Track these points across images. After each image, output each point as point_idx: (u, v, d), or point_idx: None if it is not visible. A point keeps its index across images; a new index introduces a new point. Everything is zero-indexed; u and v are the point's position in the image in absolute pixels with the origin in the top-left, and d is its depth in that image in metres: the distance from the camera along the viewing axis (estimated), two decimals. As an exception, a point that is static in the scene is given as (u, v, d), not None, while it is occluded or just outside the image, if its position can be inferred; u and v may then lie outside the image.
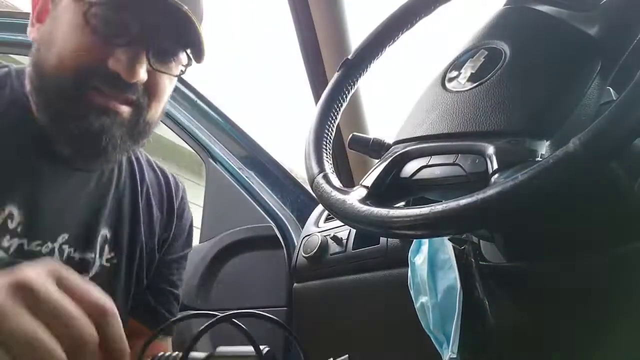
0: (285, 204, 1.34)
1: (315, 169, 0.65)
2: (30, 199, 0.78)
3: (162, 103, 0.83)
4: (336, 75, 0.75)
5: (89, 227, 0.85)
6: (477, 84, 0.58)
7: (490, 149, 0.51)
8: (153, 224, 0.96)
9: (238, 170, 1.40)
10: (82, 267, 0.84)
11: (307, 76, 1.26)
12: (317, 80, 1.23)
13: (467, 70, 0.60)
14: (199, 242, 1.47)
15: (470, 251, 0.67)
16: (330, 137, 0.70)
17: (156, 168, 1.02)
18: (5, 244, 0.75)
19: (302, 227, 1.23)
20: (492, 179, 0.49)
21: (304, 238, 1.14)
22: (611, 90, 0.57)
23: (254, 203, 1.35)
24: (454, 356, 0.64)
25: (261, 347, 0.58)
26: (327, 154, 0.68)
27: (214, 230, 1.43)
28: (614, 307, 0.61)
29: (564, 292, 0.64)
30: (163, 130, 1.42)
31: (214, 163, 1.42)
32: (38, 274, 0.50)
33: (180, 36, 0.77)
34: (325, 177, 0.63)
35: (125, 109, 0.77)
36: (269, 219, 1.30)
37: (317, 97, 1.24)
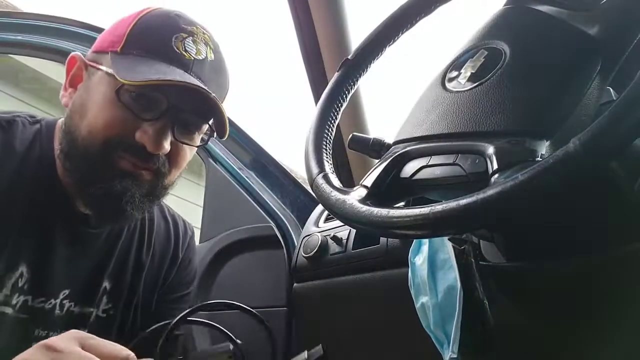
0: (285, 204, 1.33)
1: (315, 169, 0.65)
2: (40, 258, 0.82)
3: (181, 169, 0.88)
4: (336, 75, 0.75)
5: (91, 282, 0.89)
6: (477, 84, 0.58)
7: (490, 149, 0.51)
8: (154, 275, 0.99)
9: (238, 170, 1.40)
10: (80, 320, 0.87)
11: (307, 76, 1.26)
12: (317, 80, 1.23)
13: (467, 70, 0.60)
14: (199, 242, 1.47)
15: (470, 251, 0.67)
16: (330, 137, 0.70)
17: (167, 215, 1.05)
18: (14, 301, 0.80)
19: (302, 227, 1.23)
20: (492, 179, 0.49)
21: (304, 238, 1.14)
22: (611, 90, 0.57)
23: (254, 203, 1.35)
24: (455, 356, 0.64)
25: (236, 342, 0.61)
26: (327, 154, 0.68)
27: (214, 231, 1.43)
28: (614, 307, 0.61)
29: (563, 292, 0.63)
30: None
31: (214, 163, 1.42)
32: (62, 338, 0.60)
33: (203, 113, 0.84)
34: (325, 177, 0.63)
35: (146, 174, 0.83)
36: (269, 219, 1.29)
37: (317, 97, 1.23)
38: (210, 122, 0.86)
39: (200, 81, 0.80)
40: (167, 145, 0.80)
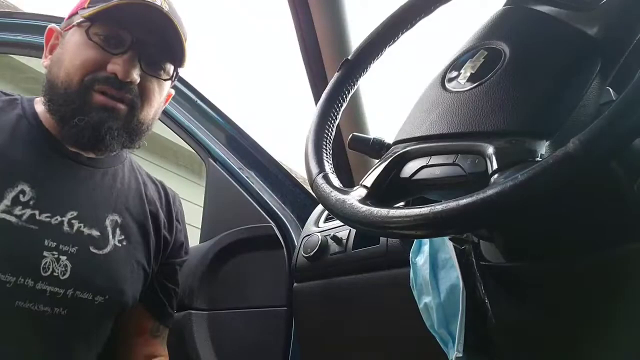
0: (285, 204, 1.33)
1: (315, 169, 0.65)
2: (41, 180, 0.92)
3: (152, 107, 0.99)
4: (336, 75, 0.75)
5: (96, 209, 0.98)
6: (476, 84, 0.58)
7: (490, 149, 0.51)
8: (159, 222, 1.08)
9: (238, 170, 1.40)
10: (92, 242, 0.95)
11: (307, 76, 1.26)
12: (317, 80, 1.23)
13: (466, 71, 0.60)
14: (199, 242, 1.47)
15: (470, 251, 0.67)
16: (330, 137, 0.70)
17: (154, 180, 1.16)
18: (18, 212, 0.88)
19: (302, 227, 1.23)
20: (492, 179, 0.49)
21: (304, 238, 1.14)
22: (611, 90, 0.57)
23: (254, 203, 1.35)
24: (460, 355, 0.64)
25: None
26: (327, 154, 0.68)
27: (214, 230, 1.43)
28: (614, 307, 0.61)
29: (563, 292, 0.63)
30: (163, 130, 1.42)
31: (214, 163, 1.42)
32: None
33: (166, 48, 0.97)
34: (325, 177, 0.63)
35: (122, 107, 0.94)
36: (269, 219, 1.30)
37: (317, 97, 1.24)
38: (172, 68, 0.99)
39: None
40: (136, 75, 0.93)
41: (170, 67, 1.00)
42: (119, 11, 0.92)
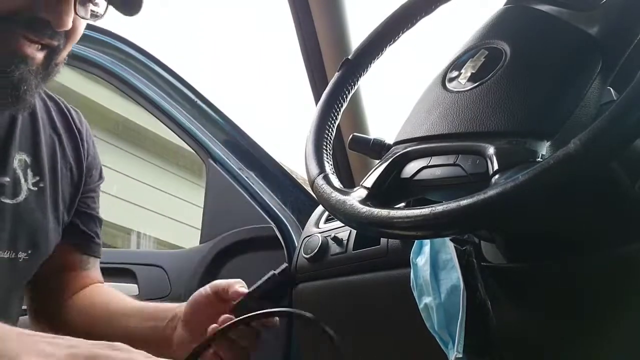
0: (286, 205, 1.33)
1: (315, 170, 0.65)
2: None
3: (71, 46, 0.83)
4: (336, 75, 0.74)
5: (1, 154, 0.85)
6: (477, 84, 0.58)
7: (491, 150, 0.51)
8: (71, 148, 0.97)
9: (238, 170, 1.40)
10: (1, 190, 0.83)
11: (308, 76, 1.26)
12: (318, 80, 1.23)
13: (467, 70, 0.60)
14: (199, 243, 1.48)
15: (471, 252, 0.67)
16: (330, 138, 0.70)
17: (55, 98, 1.00)
18: None
19: (303, 228, 1.23)
20: (493, 180, 0.49)
21: (304, 239, 1.14)
22: (612, 90, 0.57)
23: (254, 204, 1.35)
24: (460, 356, 0.64)
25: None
26: (327, 154, 0.68)
27: (215, 231, 1.43)
28: (615, 308, 0.61)
29: (564, 293, 0.63)
30: (163, 130, 1.42)
31: (214, 163, 1.42)
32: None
33: None
34: (326, 178, 0.63)
35: (40, 55, 0.77)
36: (269, 220, 1.29)
37: (317, 97, 1.23)
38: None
39: None
40: (71, 22, 0.75)
41: (103, 3, 0.81)
42: None
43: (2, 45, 0.74)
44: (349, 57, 0.74)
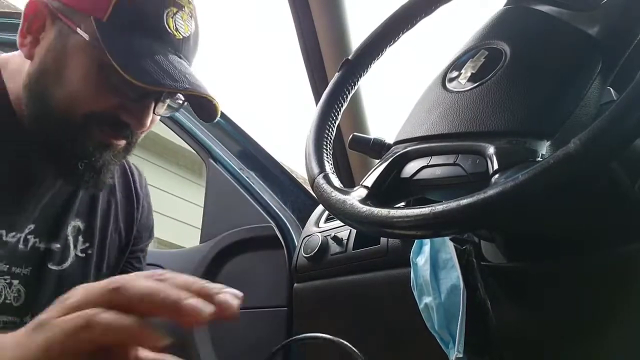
0: (286, 204, 1.33)
1: (316, 169, 0.65)
2: (4, 194, 0.79)
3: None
4: (336, 75, 0.74)
5: (56, 219, 0.87)
6: (477, 84, 0.58)
7: (491, 149, 0.51)
8: (119, 216, 0.98)
9: (238, 170, 1.40)
10: (49, 257, 0.85)
11: (308, 76, 1.26)
12: (318, 80, 1.23)
13: (467, 71, 0.60)
14: (200, 242, 1.48)
15: (471, 251, 0.67)
16: (330, 138, 0.70)
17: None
18: None
19: (303, 228, 1.23)
20: (493, 179, 0.49)
21: (304, 238, 1.14)
22: (612, 90, 0.57)
23: (255, 203, 1.35)
24: (460, 355, 0.64)
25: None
26: (327, 154, 0.68)
27: (215, 231, 1.43)
28: (614, 307, 0.61)
29: (564, 292, 0.63)
30: (163, 130, 1.42)
31: (214, 163, 1.42)
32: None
33: (192, 96, 0.80)
34: (326, 178, 0.63)
35: (122, 142, 0.81)
36: (269, 219, 1.30)
37: (317, 98, 1.23)
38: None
39: (186, 60, 0.79)
40: (149, 121, 0.80)
41: (180, 100, 0.83)
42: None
43: (89, 138, 0.78)
44: (349, 57, 0.74)
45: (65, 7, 0.77)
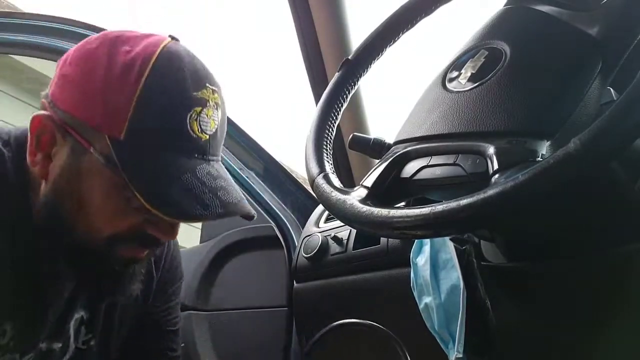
0: (286, 204, 1.33)
1: (316, 170, 0.65)
2: (25, 312, 0.74)
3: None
4: (336, 75, 0.75)
5: (61, 318, 0.81)
6: (477, 84, 0.58)
7: (491, 149, 0.51)
8: (145, 296, 0.90)
9: (238, 170, 1.40)
10: (49, 356, 0.80)
11: (308, 76, 1.26)
12: (318, 80, 1.23)
13: (467, 71, 0.60)
14: (200, 242, 1.48)
15: (471, 251, 0.67)
16: (330, 138, 0.70)
17: None
18: None
19: (303, 228, 1.23)
20: (493, 179, 0.49)
21: (304, 238, 1.14)
22: (612, 90, 0.57)
23: (254, 203, 1.35)
24: (460, 355, 0.64)
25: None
26: (327, 154, 0.68)
27: (215, 231, 1.43)
28: (614, 307, 0.61)
29: (564, 292, 0.63)
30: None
31: (214, 163, 1.42)
32: None
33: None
34: (326, 178, 0.63)
35: (149, 253, 0.76)
36: (269, 219, 1.30)
37: (317, 97, 1.23)
38: None
39: (214, 157, 0.72)
40: (177, 232, 0.73)
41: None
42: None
43: (114, 257, 0.71)
44: (349, 57, 0.75)
45: (74, 120, 0.68)
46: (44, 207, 0.72)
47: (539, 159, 0.49)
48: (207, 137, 0.70)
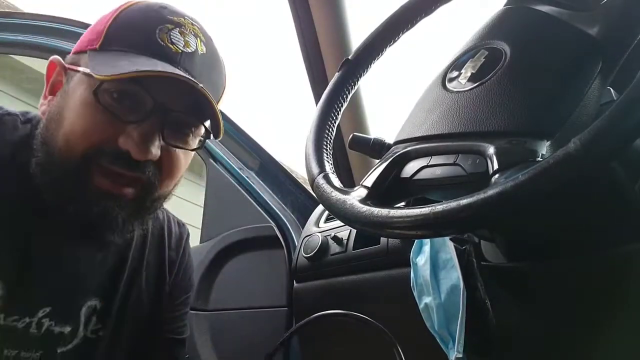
0: (286, 204, 1.33)
1: (316, 170, 0.65)
2: (15, 273, 0.74)
3: (175, 179, 0.78)
4: (336, 75, 0.74)
5: (75, 297, 0.81)
6: (477, 84, 0.58)
7: (491, 149, 0.51)
8: (151, 289, 0.90)
9: (238, 170, 1.40)
10: (61, 339, 0.80)
11: (308, 76, 1.26)
12: (318, 80, 1.23)
13: (467, 71, 0.60)
14: (200, 243, 1.48)
15: (471, 251, 0.67)
16: (330, 138, 0.70)
17: (159, 219, 0.94)
18: None
19: (303, 228, 1.23)
20: (493, 179, 0.49)
21: (304, 238, 1.14)
22: (612, 90, 0.57)
23: (254, 203, 1.35)
24: (460, 355, 0.64)
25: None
26: (327, 154, 0.68)
27: (215, 231, 1.43)
28: (614, 307, 0.61)
29: (564, 292, 0.63)
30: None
31: (215, 163, 1.42)
32: None
33: (195, 112, 0.75)
34: (326, 177, 0.63)
35: (129, 191, 0.73)
36: (269, 219, 1.30)
37: (317, 97, 1.23)
38: (207, 122, 0.77)
39: (190, 75, 0.72)
40: (155, 151, 0.71)
41: (201, 129, 0.77)
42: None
43: (81, 179, 0.71)
44: (349, 57, 0.74)
45: (73, 55, 0.78)
46: (37, 142, 0.75)
47: (539, 159, 0.49)
48: (180, 51, 0.73)
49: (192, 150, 0.79)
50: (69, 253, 0.80)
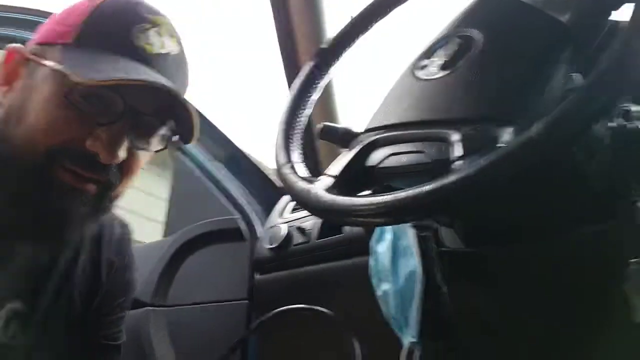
0: (255, 197, 1.31)
1: (283, 159, 0.64)
2: None
3: (134, 178, 0.76)
4: (308, 64, 0.73)
5: None
6: (447, 71, 0.57)
7: (455, 136, 0.50)
8: (74, 288, 0.85)
9: (206, 162, 1.37)
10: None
11: (283, 66, 1.24)
12: (292, 70, 1.22)
13: (439, 59, 0.59)
14: (164, 236, 1.45)
15: (430, 238, 0.67)
16: (300, 128, 0.69)
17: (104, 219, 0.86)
18: None
19: (269, 220, 1.21)
20: (455, 165, 0.49)
21: (267, 229, 1.13)
22: (580, 76, 0.57)
23: (222, 196, 1.32)
24: (415, 340, 0.63)
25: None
26: (296, 144, 0.67)
27: (181, 224, 1.41)
28: (574, 291, 0.61)
29: (522, 277, 0.64)
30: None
31: (181, 154, 1.39)
32: None
33: (165, 114, 0.73)
34: (292, 167, 0.63)
35: (92, 187, 0.71)
36: (235, 212, 1.27)
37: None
38: (171, 124, 0.74)
39: (163, 77, 0.71)
40: (122, 154, 0.69)
41: (165, 130, 0.74)
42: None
43: (42, 174, 0.68)
44: (323, 46, 0.73)
45: (37, 45, 0.74)
46: None
47: (503, 144, 0.49)
48: (155, 52, 0.72)
49: (156, 151, 0.77)
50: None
